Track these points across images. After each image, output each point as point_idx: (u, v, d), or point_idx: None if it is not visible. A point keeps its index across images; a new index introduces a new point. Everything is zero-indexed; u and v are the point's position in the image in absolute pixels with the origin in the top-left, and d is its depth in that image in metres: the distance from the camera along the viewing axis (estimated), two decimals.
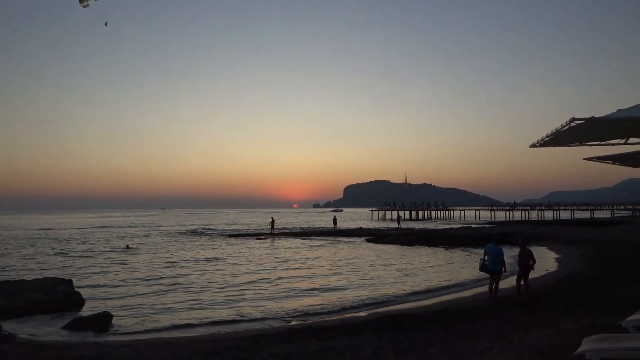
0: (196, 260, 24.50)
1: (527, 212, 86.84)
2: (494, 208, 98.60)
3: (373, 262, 23.39)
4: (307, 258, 25.53)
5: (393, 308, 12.41)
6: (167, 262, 23.98)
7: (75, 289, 14.02)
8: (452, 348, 6.78)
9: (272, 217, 47.71)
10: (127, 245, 33.85)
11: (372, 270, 20.32)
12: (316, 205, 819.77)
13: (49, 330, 10.53)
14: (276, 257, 25.08)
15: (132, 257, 26.94)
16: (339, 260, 24.49)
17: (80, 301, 13.35)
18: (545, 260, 20.82)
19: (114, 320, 11.21)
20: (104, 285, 16.76)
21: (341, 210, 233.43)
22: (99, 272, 20.26)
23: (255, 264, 22.88)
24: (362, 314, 11.65)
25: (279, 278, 18.27)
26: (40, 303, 12.42)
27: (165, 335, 10.12)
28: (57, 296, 12.89)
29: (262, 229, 55.24)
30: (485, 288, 12.94)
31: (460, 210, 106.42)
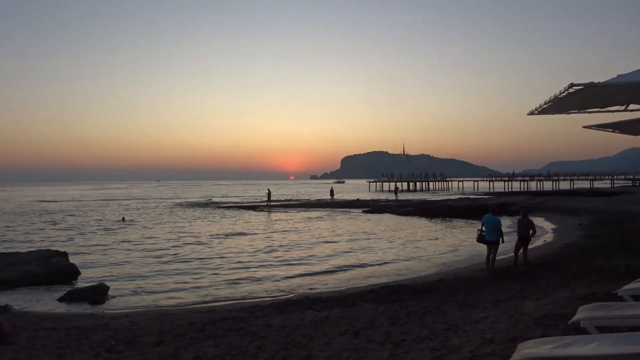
0: (193, 234, 24.61)
1: (526, 182, 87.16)
2: (493, 179, 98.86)
3: (370, 231, 23.58)
4: (306, 230, 25.70)
5: (391, 279, 12.54)
6: (164, 235, 24.11)
7: (71, 261, 14.09)
8: (448, 317, 6.88)
9: (268, 189, 47.86)
10: (123, 218, 33.96)
11: (371, 243, 20.48)
12: (313, 177, 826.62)
13: (44, 301, 10.60)
14: (273, 233, 25.06)
15: (128, 229, 27.03)
16: (338, 235, 24.64)
17: (75, 273, 13.44)
18: (543, 231, 20.89)
19: (110, 292, 11.31)
20: (100, 258, 16.86)
21: (343, 182, 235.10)
22: (94, 245, 20.37)
23: (251, 238, 23.02)
24: (360, 285, 11.77)
25: (277, 250, 18.40)
26: (35, 275, 12.47)
27: (162, 305, 10.21)
28: (52, 268, 12.95)
29: (259, 201, 55.58)
30: (483, 259, 13.08)
31: (459, 181, 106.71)
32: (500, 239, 11.75)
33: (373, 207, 40.97)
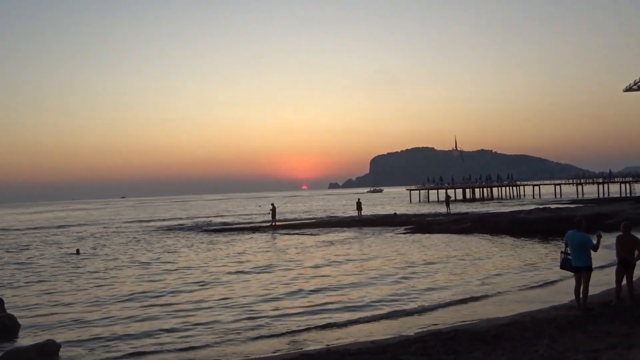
0: (165, 269, 24.75)
1: (628, 185, 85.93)
2: (581, 181, 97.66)
3: (411, 256, 23.46)
4: (324, 258, 25.66)
5: (440, 321, 12.42)
6: (130, 272, 24.28)
7: (8, 311, 14.24)
8: None
9: (272, 204, 48.14)
10: (77, 250, 34.35)
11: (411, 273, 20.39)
12: (333, 186, 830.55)
13: None
14: (279, 265, 25.03)
15: (84, 265, 27.33)
16: (366, 259, 24.55)
17: (15, 326, 13.57)
18: None
19: (62, 351, 11.40)
20: (47, 306, 17.05)
21: (380, 190, 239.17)
22: (40, 288, 20.61)
23: (250, 274, 23.09)
24: (402, 331, 11.68)
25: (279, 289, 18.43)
26: None
27: None
28: None
29: (260, 221, 56.33)
30: (570, 291, 12.85)
31: (533, 185, 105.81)
32: (591, 264, 11.54)
33: (417, 224, 41.08)
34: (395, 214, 52.96)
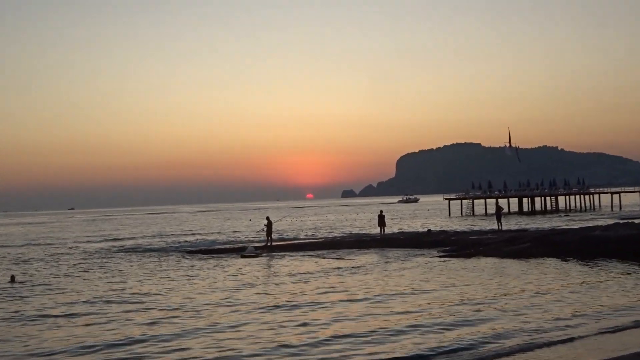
0: (118, 304, 24.36)
1: None
2: None
3: (452, 287, 22.98)
4: (335, 294, 25.14)
5: None
6: (74, 307, 23.88)
7: None
8: None
9: (267, 218, 47.98)
10: (13, 277, 34.08)
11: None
12: (347, 194, 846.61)
13: None
14: (274, 309, 22.90)
15: (22, 296, 27.05)
16: (391, 295, 24.09)
17: None
18: None
19: None
20: None
21: (416, 200, 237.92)
22: None
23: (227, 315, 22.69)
24: None
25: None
26: None
27: None
28: None
29: (250, 239, 56.24)
30: None
31: (612, 192, 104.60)
32: None
33: (457, 244, 40.40)
34: (429, 231, 52.38)
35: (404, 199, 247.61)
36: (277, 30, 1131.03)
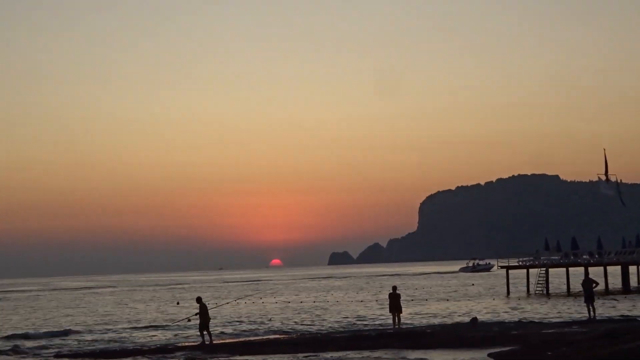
0: None
1: None
2: None
3: None
4: None
5: None
6: None
7: None
8: None
9: (197, 301, 37.70)
10: None
11: None
12: (338, 259, 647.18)
13: None
14: None
15: None
16: None
17: None
18: None
19: None
20: None
21: (488, 268, 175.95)
22: None
23: None
24: None
25: None
26: None
27: None
28: None
29: (172, 331, 45.94)
30: None
31: None
32: None
33: (523, 342, 31.55)
34: (474, 320, 42.42)
35: (470, 265, 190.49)
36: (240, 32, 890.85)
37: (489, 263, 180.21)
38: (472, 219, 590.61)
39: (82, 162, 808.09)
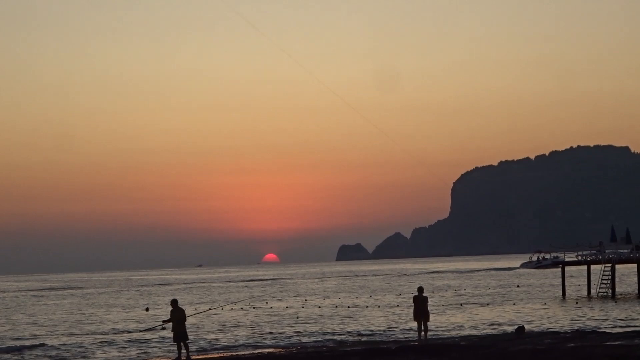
0: None
1: None
2: None
3: None
4: None
5: None
6: None
7: None
8: None
9: (172, 304, 32.24)
10: None
11: None
12: (348, 253, 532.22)
13: None
14: None
15: None
16: None
17: None
18: None
19: None
20: None
21: (558, 263, 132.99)
22: None
23: None
24: None
25: None
26: None
27: None
28: None
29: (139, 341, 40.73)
30: None
31: None
32: None
33: (577, 358, 26.77)
34: (520, 330, 37.86)
35: (535, 259, 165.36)
36: None
37: (557, 257, 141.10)
38: (518, 203, 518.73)
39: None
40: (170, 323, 31.20)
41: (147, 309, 72.75)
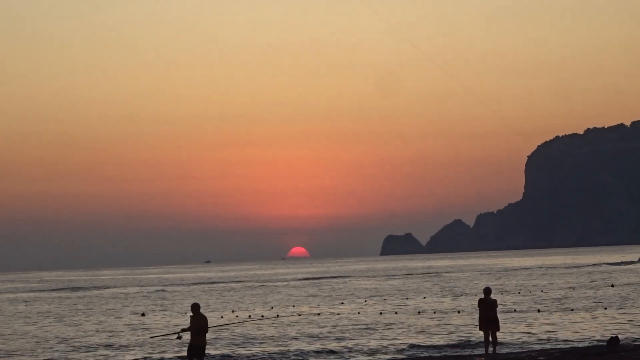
0: None
1: None
2: None
3: None
4: None
5: None
6: None
7: None
8: None
9: (194, 307, 26.69)
10: None
11: None
12: (396, 246, 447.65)
13: None
14: None
15: None
16: None
17: None
18: None
19: None
20: None
21: None
22: None
23: None
24: None
25: None
26: None
27: None
28: None
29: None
30: None
31: None
32: None
33: None
34: (614, 341, 33.16)
35: None
36: None
37: None
38: (611, 181, 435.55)
39: None
40: (189, 332, 26.53)
41: (142, 314, 65.30)
